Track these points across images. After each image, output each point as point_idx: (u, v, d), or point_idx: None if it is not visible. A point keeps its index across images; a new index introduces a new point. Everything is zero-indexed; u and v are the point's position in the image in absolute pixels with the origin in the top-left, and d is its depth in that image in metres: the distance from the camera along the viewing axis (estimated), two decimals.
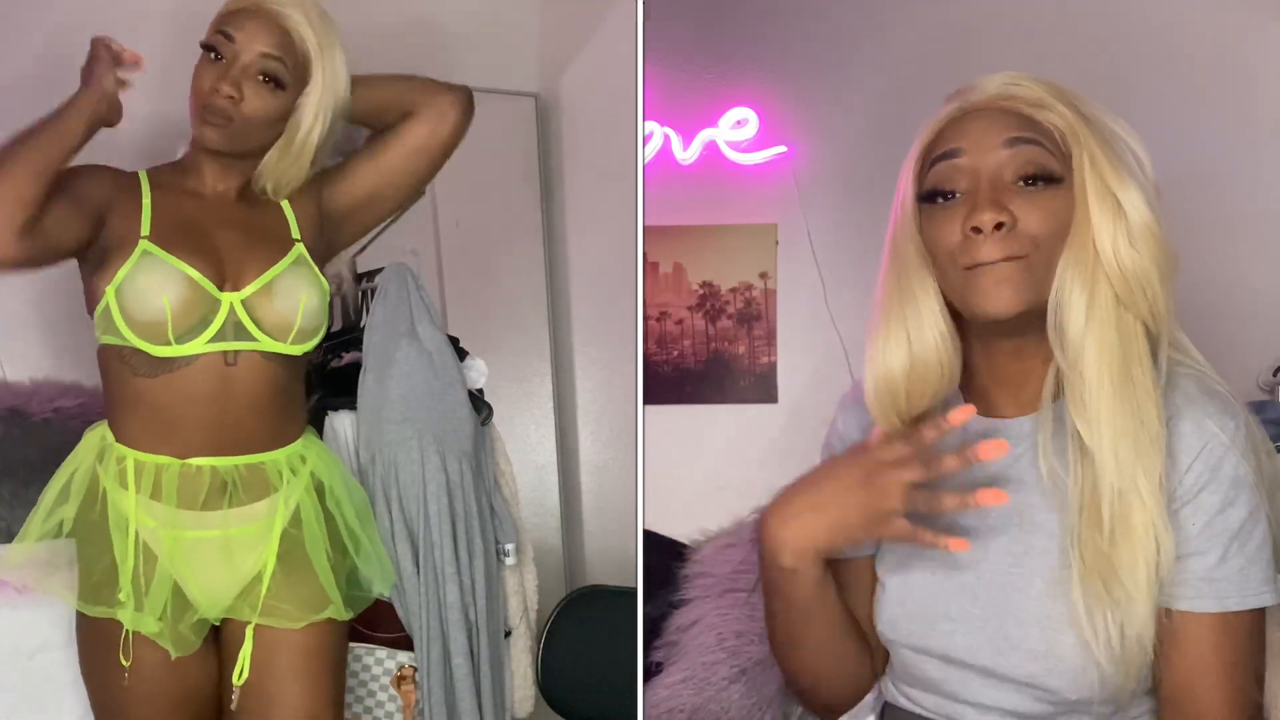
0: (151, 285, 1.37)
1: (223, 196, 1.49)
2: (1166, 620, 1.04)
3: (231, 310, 1.41)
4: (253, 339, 1.41)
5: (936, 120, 1.12)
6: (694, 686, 2.04)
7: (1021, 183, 1.06)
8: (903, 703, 1.21)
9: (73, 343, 1.47)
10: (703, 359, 2.55)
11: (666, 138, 2.49)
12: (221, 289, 1.41)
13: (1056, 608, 1.06)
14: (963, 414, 1.06)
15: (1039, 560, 1.09)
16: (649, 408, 2.50)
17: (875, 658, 1.26)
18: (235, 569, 1.44)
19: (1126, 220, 1.05)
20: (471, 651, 1.69)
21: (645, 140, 2.46)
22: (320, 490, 1.52)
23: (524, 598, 1.83)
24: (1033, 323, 1.07)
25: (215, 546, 1.42)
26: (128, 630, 1.39)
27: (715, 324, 2.54)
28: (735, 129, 2.48)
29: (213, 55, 1.42)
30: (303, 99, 1.46)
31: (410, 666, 1.68)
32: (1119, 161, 1.07)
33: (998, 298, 1.05)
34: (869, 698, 1.28)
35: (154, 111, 1.77)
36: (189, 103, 1.43)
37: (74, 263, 1.43)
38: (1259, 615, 1.06)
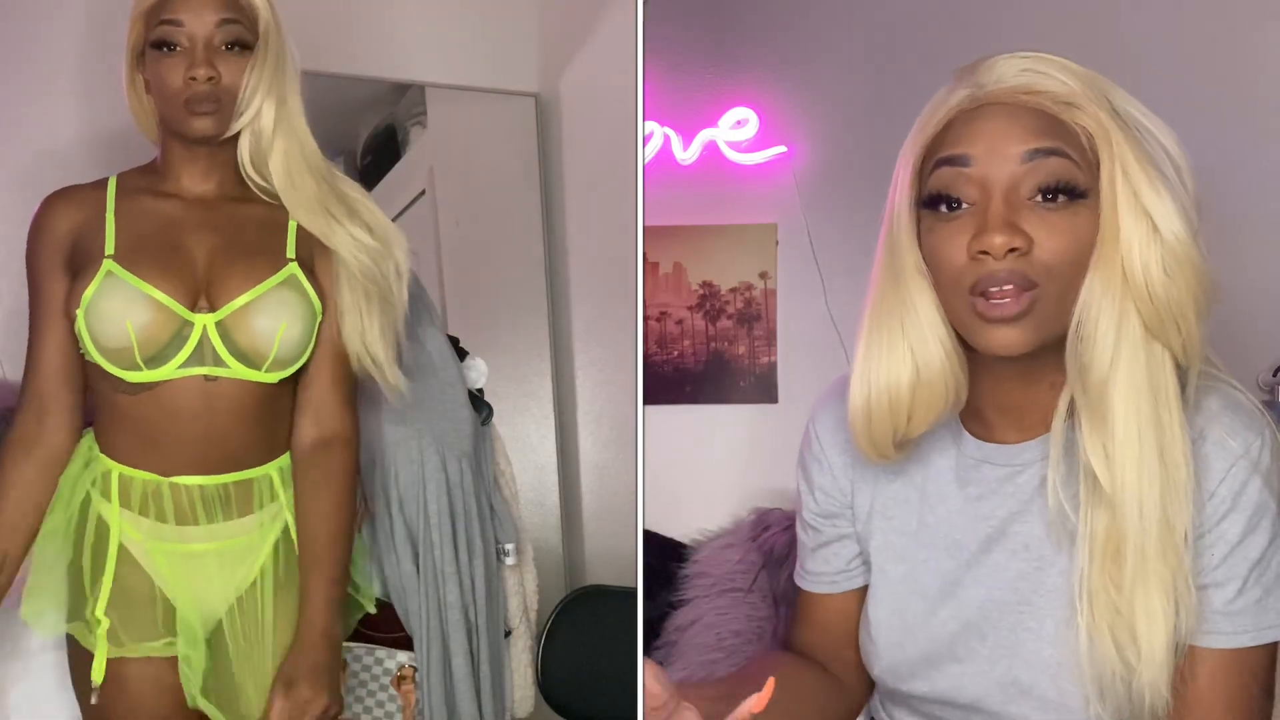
0: (114, 310, 1.30)
1: (203, 199, 1.39)
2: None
3: (204, 333, 1.32)
4: (224, 365, 1.33)
5: (943, 108, 0.98)
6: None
7: (1040, 197, 0.93)
8: None
9: None
10: (703, 359, 2.55)
11: (666, 138, 2.49)
12: (195, 307, 1.33)
13: (1069, 656, 0.97)
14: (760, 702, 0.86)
15: (1050, 599, 0.99)
16: (649, 408, 2.50)
17: (853, 690, 1.16)
18: (224, 583, 1.38)
19: (1161, 242, 0.91)
20: (471, 651, 1.69)
21: (645, 140, 2.46)
22: None
23: (524, 598, 1.83)
24: (1043, 348, 0.96)
25: (203, 561, 1.37)
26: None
27: (715, 324, 2.54)
28: (735, 129, 2.48)
29: (165, 49, 1.34)
30: (248, 71, 1.35)
31: (410, 666, 1.68)
32: (1155, 172, 0.93)
33: (1006, 341, 0.93)
34: None
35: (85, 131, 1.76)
36: (160, 108, 1.37)
37: None
38: (1271, 649, 0.97)
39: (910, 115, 1.07)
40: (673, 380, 2.55)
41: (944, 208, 0.95)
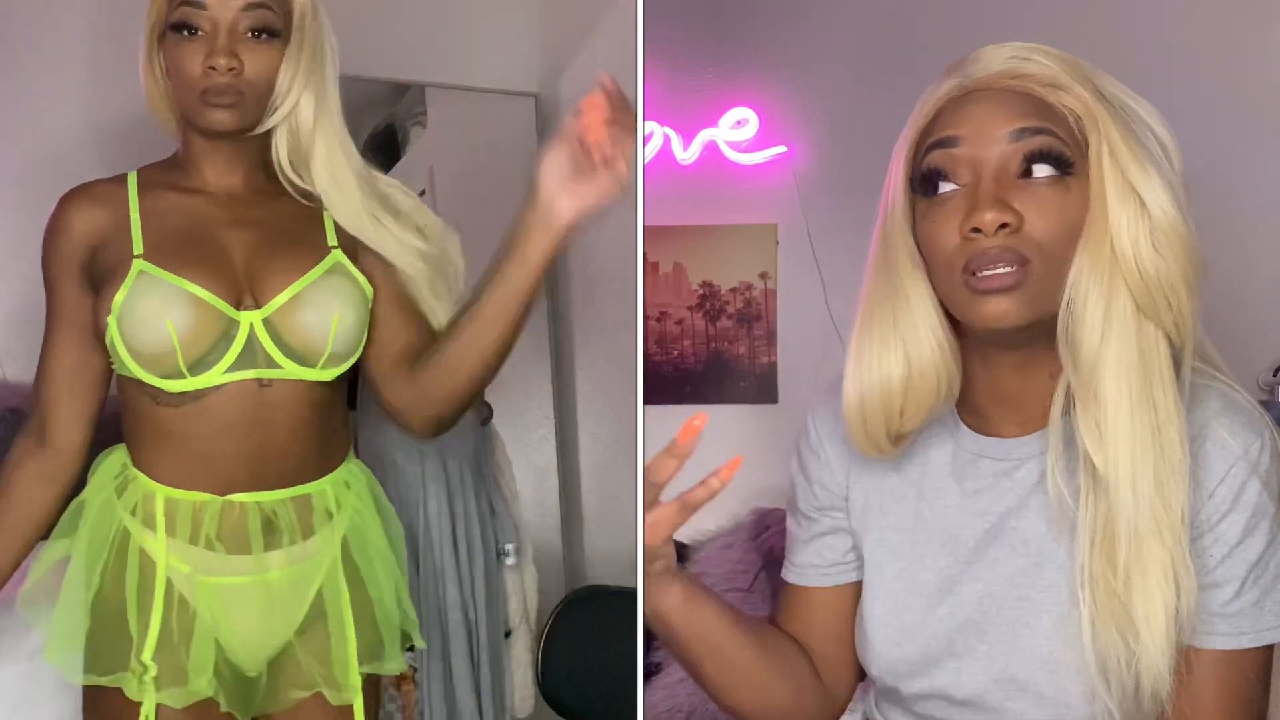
0: (151, 310, 1.19)
1: (231, 192, 1.28)
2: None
3: (252, 332, 1.21)
4: (277, 366, 1.22)
5: (933, 99, 0.99)
6: (693, 686, 2.04)
7: (1028, 173, 0.94)
8: None
9: None
10: (703, 359, 2.55)
11: (666, 138, 2.49)
12: (240, 306, 1.22)
13: (1067, 651, 0.96)
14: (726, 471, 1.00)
15: (1047, 595, 0.99)
16: (649, 408, 2.50)
17: (831, 689, 1.16)
18: (279, 617, 1.26)
19: (1149, 219, 0.92)
20: (471, 651, 1.69)
21: (645, 140, 2.46)
22: (364, 525, 1.33)
23: (524, 598, 1.83)
24: (1039, 333, 0.96)
25: (258, 593, 1.24)
26: (146, 708, 1.19)
27: (715, 324, 2.54)
28: (735, 129, 2.48)
29: (186, 33, 1.22)
30: (284, 59, 1.24)
31: (410, 666, 1.68)
32: (1142, 151, 0.94)
33: (999, 311, 0.93)
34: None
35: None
36: (177, 96, 1.26)
37: None
38: (1268, 651, 0.96)
39: (910, 114, 1.08)
40: (673, 380, 2.55)
41: (935, 191, 0.96)
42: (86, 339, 1.26)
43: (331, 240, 1.28)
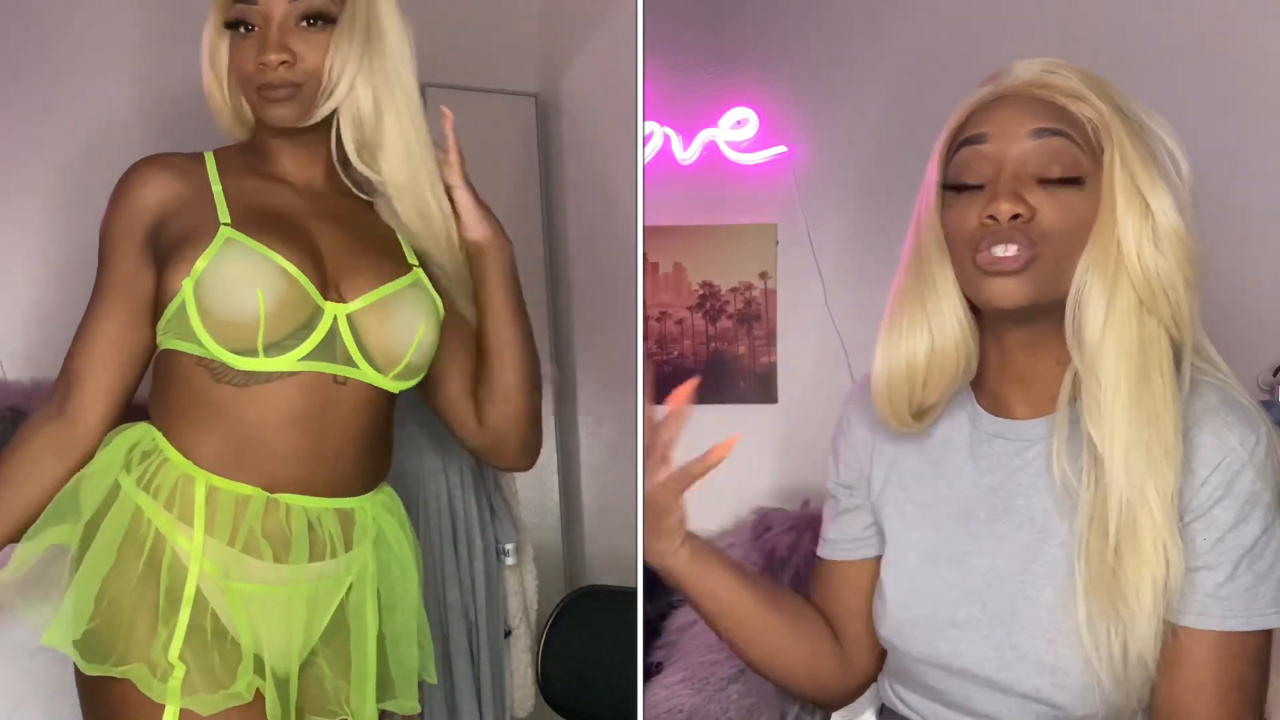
0: (240, 276, 1.14)
1: (311, 187, 1.26)
2: (1169, 635, 1.00)
3: (335, 324, 1.18)
4: (352, 364, 1.18)
5: (967, 103, 1.10)
6: (693, 686, 2.04)
7: (1044, 182, 1.03)
8: (899, 708, 1.18)
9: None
10: (703, 359, 2.55)
11: (666, 138, 2.49)
12: (326, 297, 1.19)
13: (1066, 620, 1.03)
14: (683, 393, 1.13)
15: (1050, 569, 1.06)
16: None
17: (852, 663, 1.24)
18: (307, 631, 1.20)
19: (1153, 222, 1.02)
20: (471, 651, 1.69)
21: (645, 140, 2.46)
22: (395, 552, 1.29)
23: (524, 598, 1.83)
24: (1047, 318, 1.06)
25: (287, 604, 1.18)
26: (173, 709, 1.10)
27: (715, 324, 2.54)
28: (735, 129, 2.48)
29: (242, 29, 1.21)
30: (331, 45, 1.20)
31: None
32: (1151, 160, 1.04)
33: (1004, 291, 1.03)
34: (868, 695, 1.26)
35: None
36: (237, 91, 1.25)
37: (74, 260, 1.35)
38: (1265, 637, 1.02)
39: (910, 115, 1.12)
40: (673, 380, 2.54)
41: (963, 189, 1.06)
42: (135, 312, 1.21)
43: (411, 259, 1.29)
